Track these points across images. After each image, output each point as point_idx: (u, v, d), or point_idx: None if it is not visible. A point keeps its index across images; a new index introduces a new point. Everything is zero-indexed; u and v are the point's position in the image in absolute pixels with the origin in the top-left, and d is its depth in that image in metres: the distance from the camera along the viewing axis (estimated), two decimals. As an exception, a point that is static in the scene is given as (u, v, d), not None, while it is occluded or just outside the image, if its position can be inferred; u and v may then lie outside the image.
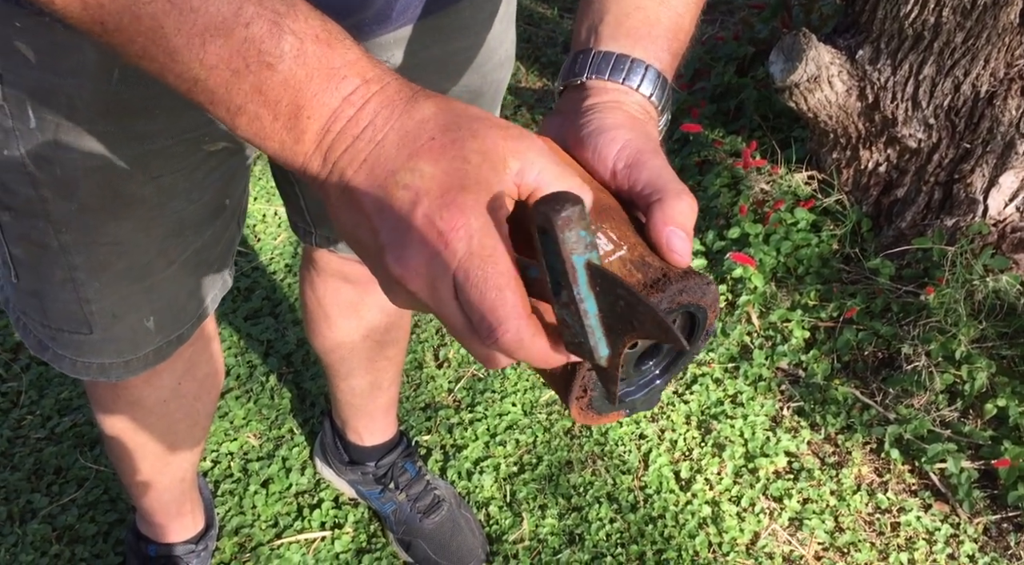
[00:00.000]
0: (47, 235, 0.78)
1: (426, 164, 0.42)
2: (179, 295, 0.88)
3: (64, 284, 0.81)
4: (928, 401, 1.64)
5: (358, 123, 0.44)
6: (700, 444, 1.63)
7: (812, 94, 1.75)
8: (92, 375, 0.90)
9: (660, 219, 0.47)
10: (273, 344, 1.75)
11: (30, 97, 0.69)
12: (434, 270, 0.42)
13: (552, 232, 0.39)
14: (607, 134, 0.51)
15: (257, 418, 1.62)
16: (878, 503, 1.55)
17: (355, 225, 0.45)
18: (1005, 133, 1.72)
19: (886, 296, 1.78)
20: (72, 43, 0.65)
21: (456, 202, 0.41)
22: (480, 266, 0.41)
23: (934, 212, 1.83)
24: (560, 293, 0.41)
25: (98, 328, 0.85)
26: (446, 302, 0.42)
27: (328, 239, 1.05)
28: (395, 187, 0.42)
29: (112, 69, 0.67)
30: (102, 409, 1.05)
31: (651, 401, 0.51)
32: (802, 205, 1.93)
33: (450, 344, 1.78)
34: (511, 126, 0.44)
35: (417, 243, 0.42)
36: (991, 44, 1.65)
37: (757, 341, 1.80)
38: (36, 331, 0.89)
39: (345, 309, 1.18)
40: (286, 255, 1.94)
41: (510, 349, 0.42)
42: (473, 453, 1.58)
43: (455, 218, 0.41)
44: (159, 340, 0.90)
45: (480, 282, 0.41)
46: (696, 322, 0.49)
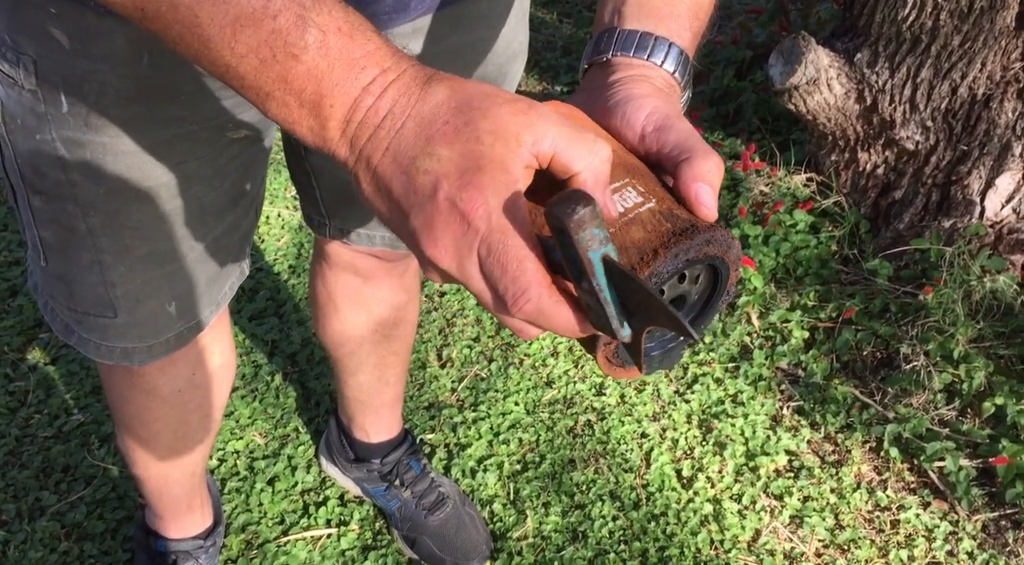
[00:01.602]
0: (76, 218, 0.80)
1: (443, 148, 0.44)
2: (199, 281, 0.90)
3: (91, 267, 0.83)
4: (927, 400, 1.66)
5: (378, 112, 0.46)
6: (701, 443, 1.64)
7: (811, 97, 1.77)
8: (115, 359, 0.93)
9: (689, 175, 0.49)
10: (278, 344, 1.76)
11: (63, 82, 0.71)
12: (460, 249, 0.44)
13: (567, 233, 0.42)
14: (635, 102, 0.53)
15: (263, 417, 1.63)
16: (878, 501, 1.57)
17: (389, 210, 0.47)
18: (1002, 135, 1.74)
19: (884, 297, 1.80)
20: (104, 29, 0.67)
21: (473, 183, 0.44)
22: (500, 240, 0.43)
23: (932, 214, 1.85)
24: (581, 282, 0.44)
25: (122, 312, 0.87)
26: (474, 278, 0.45)
27: (342, 231, 1.07)
28: (416, 173, 0.45)
29: (142, 54, 0.69)
30: (118, 398, 1.07)
31: (674, 359, 0.53)
32: (801, 207, 1.95)
33: (453, 344, 1.80)
34: (519, 99, 0.46)
35: (442, 225, 0.44)
36: (988, 47, 1.67)
37: (757, 341, 1.82)
38: (63, 315, 0.91)
39: (355, 302, 1.19)
40: (290, 256, 1.96)
41: (534, 316, 0.45)
42: (477, 451, 1.60)
43: (474, 198, 0.43)
44: (180, 325, 0.92)
45: (501, 255, 0.43)
46: (719, 278, 0.50)
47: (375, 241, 1.07)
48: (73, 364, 1.69)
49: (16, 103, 0.74)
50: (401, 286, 1.21)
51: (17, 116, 0.75)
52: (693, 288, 0.50)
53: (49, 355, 1.70)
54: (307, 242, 2.00)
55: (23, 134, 0.76)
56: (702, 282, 0.51)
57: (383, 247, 1.08)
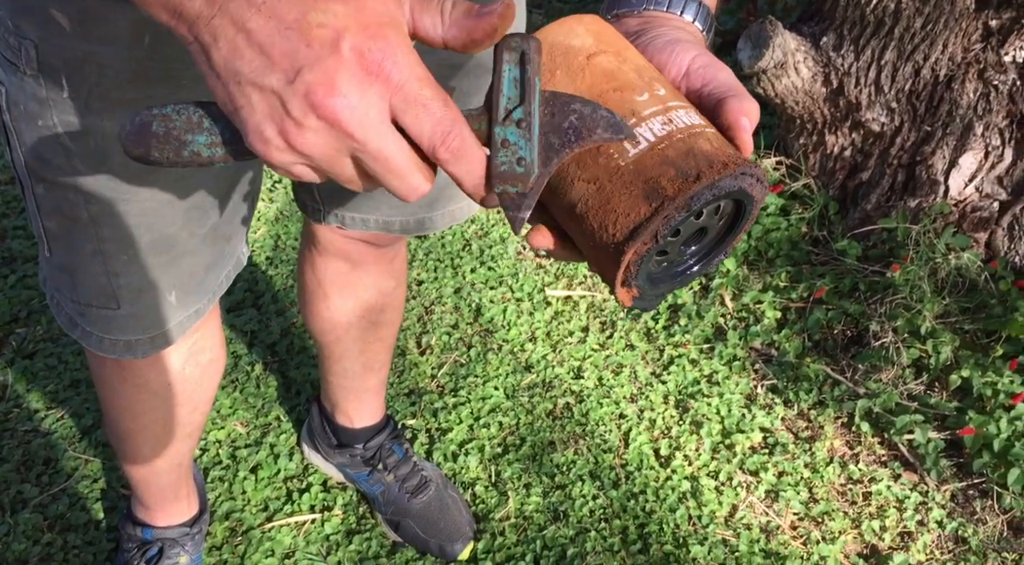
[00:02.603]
0: (78, 207, 0.80)
1: (338, 5, 0.42)
2: (198, 269, 0.91)
3: (94, 257, 0.84)
4: (896, 375, 1.70)
5: None
6: (678, 422, 1.67)
7: (779, 80, 1.81)
8: (118, 353, 0.94)
9: (736, 107, 0.51)
10: (257, 334, 1.77)
11: (64, 65, 0.72)
12: (369, 99, 0.43)
13: (529, 55, 0.45)
14: (682, 44, 0.54)
15: (244, 407, 1.64)
16: (850, 474, 1.61)
17: (255, 71, 0.43)
18: (964, 116, 1.78)
19: (854, 276, 1.84)
20: (105, 11, 0.68)
21: (381, 35, 0.43)
22: (421, 87, 0.43)
23: (898, 194, 1.90)
24: (513, 112, 0.46)
25: (125, 302, 0.88)
26: (381, 132, 0.44)
27: (336, 216, 1.08)
28: (309, 27, 0.42)
29: (143, 36, 0.70)
30: (108, 390, 1.08)
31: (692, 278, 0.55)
32: (771, 190, 1.99)
33: (432, 331, 1.81)
34: None
35: (347, 75, 0.42)
36: (949, 29, 1.71)
37: (731, 322, 1.85)
38: (67, 307, 0.92)
39: (343, 288, 1.21)
40: (267, 248, 1.96)
41: (456, 156, 0.45)
42: (458, 436, 1.62)
43: (385, 49, 0.43)
44: (180, 315, 0.93)
45: (426, 100, 0.44)
46: (740, 215, 0.52)
47: (369, 224, 1.08)
48: (51, 358, 1.68)
49: (18, 89, 0.75)
50: (390, 272, 1.23)
51: (20, 102, 0.75)
52: (715, 221, 0.52)
53: (27, 350, 1.70)
54: (283, 234, 2.01)
55: (26, 121, 0.76)
56: (726, 217, 0.52)
57: (377, 231, 1.09)
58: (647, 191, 0.48)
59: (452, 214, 1.07)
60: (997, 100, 1.76)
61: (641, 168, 0.48)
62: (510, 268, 1.96)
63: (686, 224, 0.49)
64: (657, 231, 0.48)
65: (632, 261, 0.49)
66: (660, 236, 0.48)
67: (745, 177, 0.49)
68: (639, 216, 0.48)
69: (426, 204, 1.04)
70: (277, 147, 0.44)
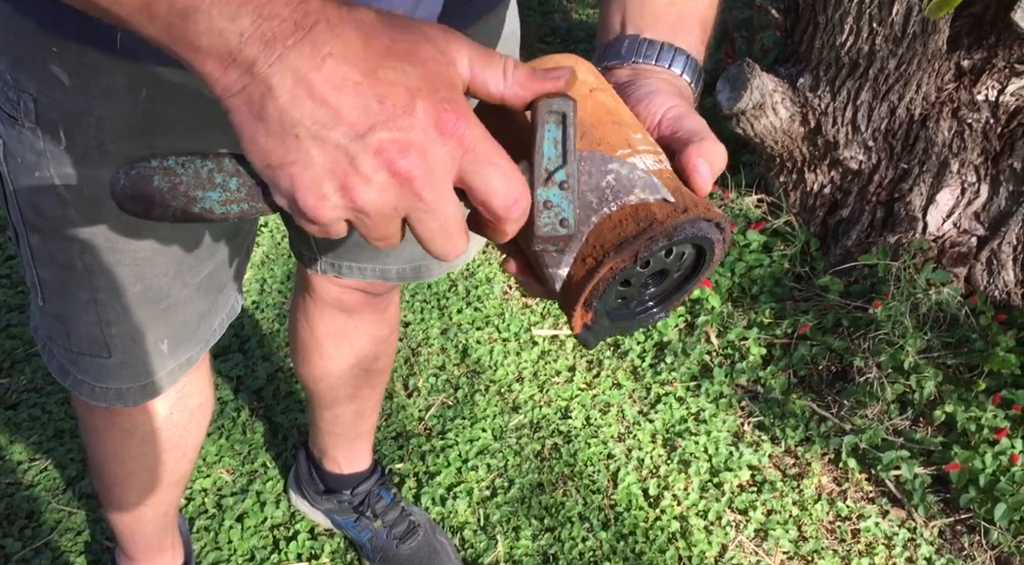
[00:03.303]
0: (73, 256, 0.81)
1: (407, 65, 0.42)
2: (191, 318, 0.91)
3: (87, 306, 0.85)
4: (881, 411, 1.72)
5: (307, 14, 0.41)
6: (666, 461, 1.67)
7: (758, 121, 1.84)
8: (110, 401, 0.94)
9: (695, 150, 0.51)
10: (243, 380, 1.76)
11: (63, 119, 0.73)
12: (441, 159, 0.43)
13: (571, 118, 0.46)
14: (661, 95, 0.55)
15: (230, 454, 1.63)
16: (838, 511, 1.61)
17: (318, 124, 0.42)
18: (939, 153, 1.81)
19: (836, 312, 1.86)
20: (105, 65, 0.69)
21: (451, 97, 0.43)
22: (491, 147, 0.44)
23: (877, 230, 1.92)
24: (555, 173, 0.47)
25: (117, 351, 0.88)
26: (447, 192, 0.44)
27: (333, 265, 1.08)
28: (381, 83, 0.42)
29: (140, 88, 0.71)
30: (95, 437, 1.07)
31: (646, 325, 0.55)
32: (753, 227, 2.01)
33: (419, 373, 1.81)
34: (441, 26, 0.46)
35: (423, 135, 0.42)
36: (922, 70, 1.75)
37: (716, 359, 1.86)
38: (59, 356, 0.92)
39: (337, 337, 1.21)
40: (252, 292, 1.96)
41: (522, 218, 0.46)
42: (446, 479, 1.61)
43: (457, 110, 0.43)
44: (171, 364, 0.93)
45: (496, 160, 0.44)
46: (701, 262, 0.53)
47: (366, 273, 1.08)
48: (35, 408, 1.67)
49: (16, 141, 0.76)
50: (384, 320, 1.23)
51: (17, 154, 0.76)
52: (677, 264, 0.53)
53: (10, 400, 1.68)
54: (269, 277, 2.01)
55: (23, 172, 0.77)
56: (687, 260, 0.53)
57: (374, 279, 1.09)
58: (636, 214, 0.49)
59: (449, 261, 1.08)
60: (972, 138, 1.79)
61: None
62: (496, 308, 1.96)
63: (655, 259, 0.50)
64: (638, 252, 0.49)
65: (604, 277, 0.49)
66: (640, 257, 0.49)
67: (717, 228, 0.51)
68: (626, 233, 0.48)
69: (423, 252, 1.05)
70: (333, 204, 0.43)
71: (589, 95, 0.53)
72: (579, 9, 3.15)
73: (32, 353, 1.76)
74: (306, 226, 0.45)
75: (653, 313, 0.55)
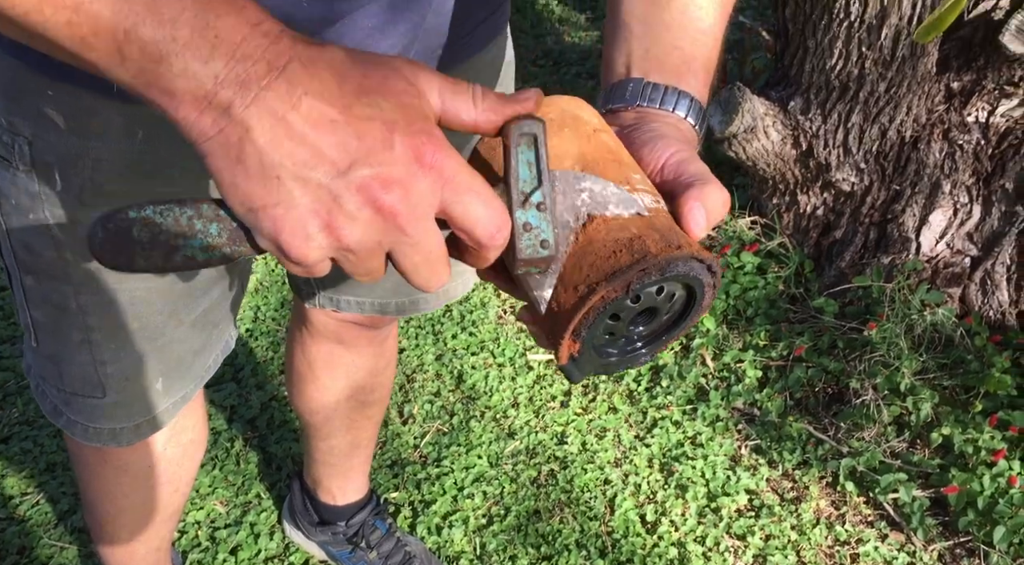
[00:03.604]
0: (67, 297, 0.81)
1: (381, 99, 0.42)
2: (186, 356, 0.91)
3: (81, 346, 0.84)
4: (878, 433, 1.71)
5: (279, 55, 0.41)
6: (663, 486, 1.66)
7: (750, 144, 1.84)
8: (103, 441, 0.93)
9: (693, 194, 0.51)
10: (237, 409, 1.75)
11: (58, 161, 0.72)
12: (423, 191, 0.43)
13: (542, 139, 0.46)
14: (665, 140, 0.55)
15: (223, 485, 1.62)
16: (837, 535, 1.60)
17: (299, 164, 0.41)
18: (931, 174, 1.82)
19: (831, 333, 1.86)
20: (100, 108, 0.69)
21: (429, 131, 0.43)
22: (471, 177, 0.44)
23: (871, 251, 1.92)
24: (531, 195, 0.47)
25: (111, 391, 0.88)
26: (429, 225, 0.44)
27: (331, 299, 1.08)
28: (357, 120, 0.41)
29: (136, 130, 0.71)
30: (88, 474, 1.06)
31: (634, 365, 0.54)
32: (747, 249, 2.01)
33: (414, 400, 1.80)
34: (408, 60, 0.46)
35: (403, 169, 0.42)
36: (912, 92, 1.76)
37: (712, 383, 1.86)
38: (52, 396, 0.92)
39: (334, 370, 1.20)
40: (246, 320, 1.95)
41: (499, 248, 0.46)
42: (442, 508, 1.60)
43: (435, 142, 0.43)
44: (166, 402, 0.93)
45: (478, 189, 0.44)
46: (692, 304, 0.53)
47: (364, 307, 1.08)
48: (27, 442, 1.66)
49: (10, 184, 0.75)
50: (381, 352, 1.22)
51: (11, 196, 0.76)
52: (667, 305, 0.52)
53: (2, 434, 1.67)
54: (263, 305, 2.00)
55: (17, 214, 0.77)
56: (677, 302, 0.53)
57: (372, 313, 1.09)
58: (631, 246, 0.49)
59: (447, 292, 1.07)
60: (963, 159, 1.80)
61: (628, 226, 0.50)
62: (491, 333, 1.96)
63: (646, 294, 0.50)
64: (631, 282, 0.48)
65: (596, 306, 0.49)
66: (632, 289, 0.48)
67: (709, 272, 0.51)
68: (619, 263, 0.48)
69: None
70: (319, 244, 0.42)
71: (592, 134, 0.54)
72: (571, 32, 3.16)
73: (23, 386, 1.75)
74: (291, 267, 0.44)
75: (640, 353, 0.54)
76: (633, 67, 0.61)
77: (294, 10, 0.64)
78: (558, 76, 2.86)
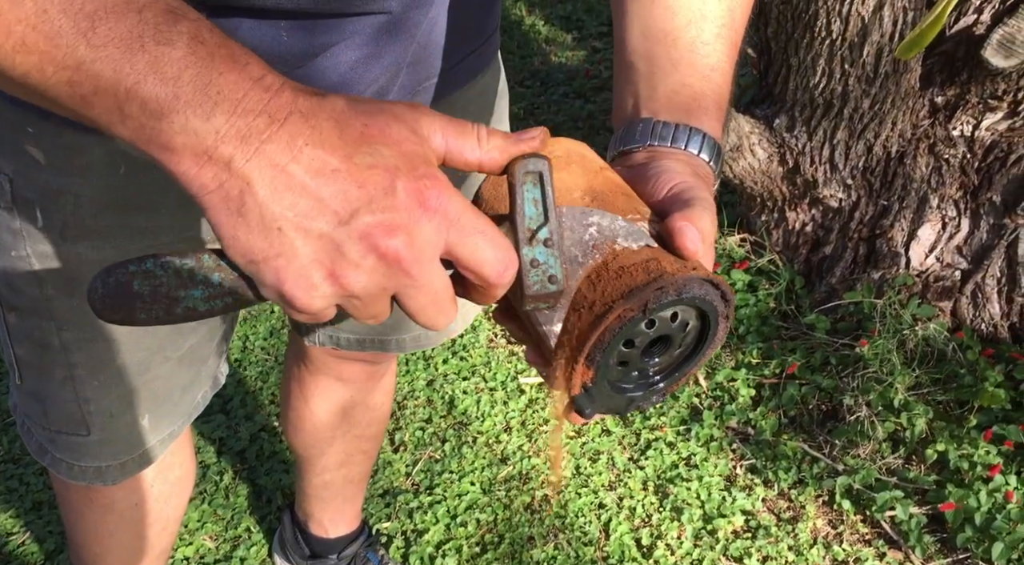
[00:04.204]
0: (50, 334, 0.80)
1: (380, 146, 0.42)
2: (173, 392, 0.90)
3: (64, 383, 0.83)
4: (873, 450, 1.70)
5: (280, 107, 0.41)
6: (659, 509, 1.65)
7: (736, 162, 1.84)
8: (89, 479, 0.92)
9: (680, 214, 0.50)
10: (226, 441, 1.73)
11: (39, 198, 0.72)
12: (427, 236, 0.43)
13: (547, 176, 0.47)
14: (672, 172, 0.54)
15: (212, 519, 1.60)
16: (835, 555, 1.58)
17: (301, 215, 0.41)
18: (918, 189, 1.82)
19: (824, 350, 1.85)
20: (83, 144, 0.68)
21: (432, 174, 0.43)
22: (476, 218, 0.44)
23: (861, 266, 1.92)
24: (537, 232, 0.47)
25: (96, 428, 0.87)
26: (434, 268, 0.44)
27: (331, 338, 1.07)
28: (358, 168, 0.41)
29: (118, 165, 0.70)
30: (73, 513, 1.05)
31: (647, 403, 0.53)
32: (737, 266, 2.01)
33: (405, 427, 1.79)
34: (403, 103, 0.46)
35: (407, 214, 0.42)
36: (896, 108, 1.76)
37: (706, 402, 1.84)
38: (37, 434, 0.90)
39: (333, 407, 1.19)
40: (234, 350, 1.94)
41: (507, 286, 0.46)
42: (435, 537, 1.58)
43: (438, 186, 0.43)
44: (152, 439, 0.91)
45: (483, 234, 0.44)
46: (705, 333, 0.52)
47: (365, 345, 1.06)
48: (12, 480, 1.63)
49: None
50: (380, 388, 1.21)
51: None
52: (681, 335, 0.51)
53: (-13, 470, 1.65)
54: (251, 334, 1.99)
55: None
56: (690, 334, 0.52)
57: (373, 350, 1.07)
58: (647, 267, 0.49)
59: (448, 328, 1.06)
60: (949, 173, 1.80)
61: (642, 252, 0.50)
62: (482, 357, 1.94)
63: (660, 320, 0.50)
64: (647, 302, 0.48)
65: (612, 326, 0.48)
66: (649, 309, 0.48)
67: (723, 300, 0.51)
68: (635, 282, 0.48)
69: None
70: (323, 293, 0.42)
71: (599, 171, 0.54)
72: (558, 52, 3.17)
73: (9, 423, 1.73)
74: (295, 315, 0.44)
75: (657, 388, 0.54)
76: (642, 107, 0.60)
77: (275, 45, 0.64)
78: (546, 96, 2.87)
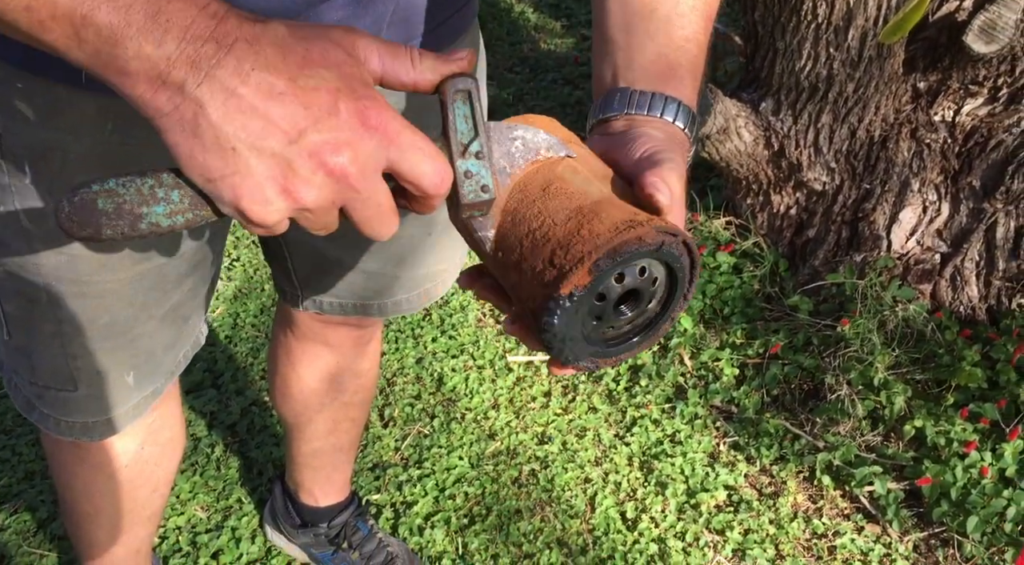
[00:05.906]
0: (37, 289, 0.81)
1: (323, 70, 0.46)
2: (156, 349, 0.91)
3: (52, 339, 0.84)
4: (853, 427, 1.73)
5: (226, 34, 0.44)
6: (643, 484, 1.68)
7: (723, 145, 1.87)
8: (76, 435, 0.93)
9: (652, 172, 0.52)
10: (217, 415, 1.75)
11: (27, 153, 0.73)
12: (370, 152, 0.46)
13: (475, 94, 0.51)
14: (647, 137, 0.57)
15: (204, 490, 1.62)
16: (814, 529, 1.62)
17: (252, 135, 0.44)
18: (900, 173, 1.85)
19: (806, 331, 1.88)
20: (73, 100, 0.69)
21: (371, 95, 0.47)
22: (415, 137, 0.48)
23: (843, 249, 1.95)
24: (470, 146, 0.51)
25: (82, 384, 0.88)
26: (377, 181, 0.48)
27: (315, 302, 1.08)
28: (303, 90, 0.45)
29: (107, 121, 0.71)
30: (65, 473, 1.06)
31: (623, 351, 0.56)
32: (723, 249, 2.04)
33: (394, 403, 1.81)
34: (346, 28, 0.49)
35: (351, 132, 0.46)
36: (879, 92, 1.79)
37: (691, 381, 1.88)
38: (25, 390, 0.92)
39: (318, 372, 1.20)
40: (225, 327, 1.96)
41: (444, 196, 0.50)
42: (423, 508, 1.61)
43: (378, 105, 0.47)
44: (137, 396, 0.93)
45: (421, 149, 0.48)
46: (674, 288, 0.54)
47: (347, 309, 1.08)
48: (4, 450, 1.65)
49: None
50: (365, 354, 1.23)
51: None
52: (650, 289, 0.53)
53: (-21, 442, 1.66)
54: (242, 312, 2.00)
55: None
56: (658, 289, 0.54)
57: (354, 314, 1.09)
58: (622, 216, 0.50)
59: (427, 292, 1.08)
60: (930, 157, 1.83)
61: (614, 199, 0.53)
62: (471, 336, 1.97)
63: (630, 271, 0.51)
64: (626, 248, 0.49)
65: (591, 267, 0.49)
66: (621, 255, 0.49)
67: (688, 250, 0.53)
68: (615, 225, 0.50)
69: (406, 286, 1.05)
70: (277, 207, 0.46)
71: (573, 139, 0.58)
72: (547, 39, 3.19)
73: (0, 394, 1.74)
74: (252, 229, 0.48)
75: (632, 342, 0.56)
76: (619, 77, 0.62)
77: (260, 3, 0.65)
78: (535, 83, 2.89)
